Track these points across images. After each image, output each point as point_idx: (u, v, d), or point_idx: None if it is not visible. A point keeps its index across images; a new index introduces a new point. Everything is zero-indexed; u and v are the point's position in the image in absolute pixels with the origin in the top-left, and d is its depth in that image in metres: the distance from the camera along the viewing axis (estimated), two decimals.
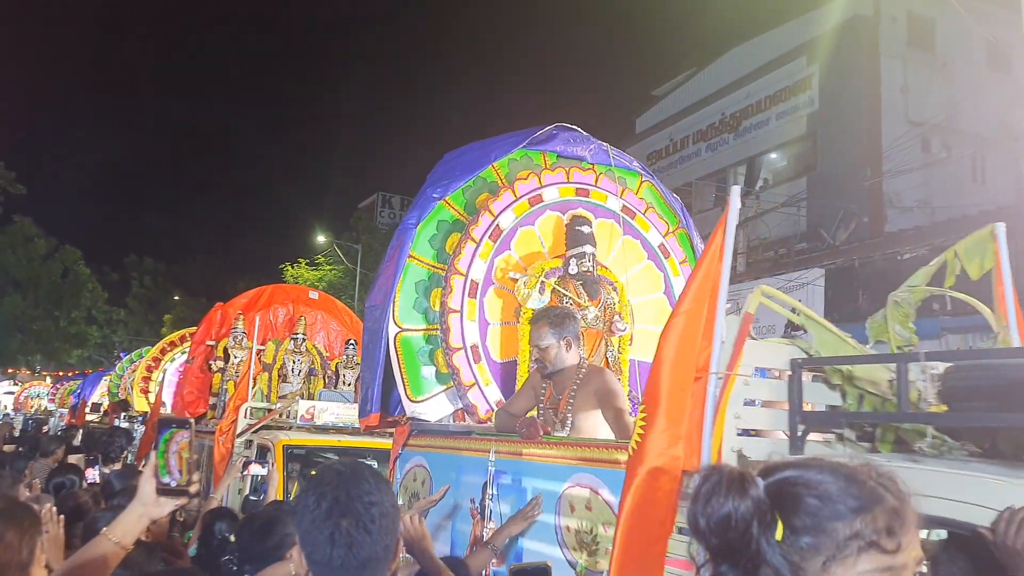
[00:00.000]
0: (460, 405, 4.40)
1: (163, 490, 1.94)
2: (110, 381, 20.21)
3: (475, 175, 4.51)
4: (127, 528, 1.95)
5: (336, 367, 9.62)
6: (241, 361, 9.36)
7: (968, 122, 20.27)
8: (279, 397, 9.05)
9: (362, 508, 1.61)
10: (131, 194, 75.77)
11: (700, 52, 27.12)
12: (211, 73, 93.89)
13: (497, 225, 4.48)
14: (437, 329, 4.39)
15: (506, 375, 4.46)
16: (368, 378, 4.36)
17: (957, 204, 18.51)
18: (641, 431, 2.60)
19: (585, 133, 4.90)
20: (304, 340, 9.58)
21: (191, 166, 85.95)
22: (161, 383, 13.04)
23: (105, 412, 18.56)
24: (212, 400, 9.63)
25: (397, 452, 4.45)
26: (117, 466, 7.03)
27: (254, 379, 8.28)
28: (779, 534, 1.12)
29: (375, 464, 6.96)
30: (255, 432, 7.13)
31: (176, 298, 36.02)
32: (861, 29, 21.30)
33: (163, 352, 16.57)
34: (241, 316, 9.78)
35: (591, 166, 4.83)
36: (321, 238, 31.20)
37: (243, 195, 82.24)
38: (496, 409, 4.33)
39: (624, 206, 4.77)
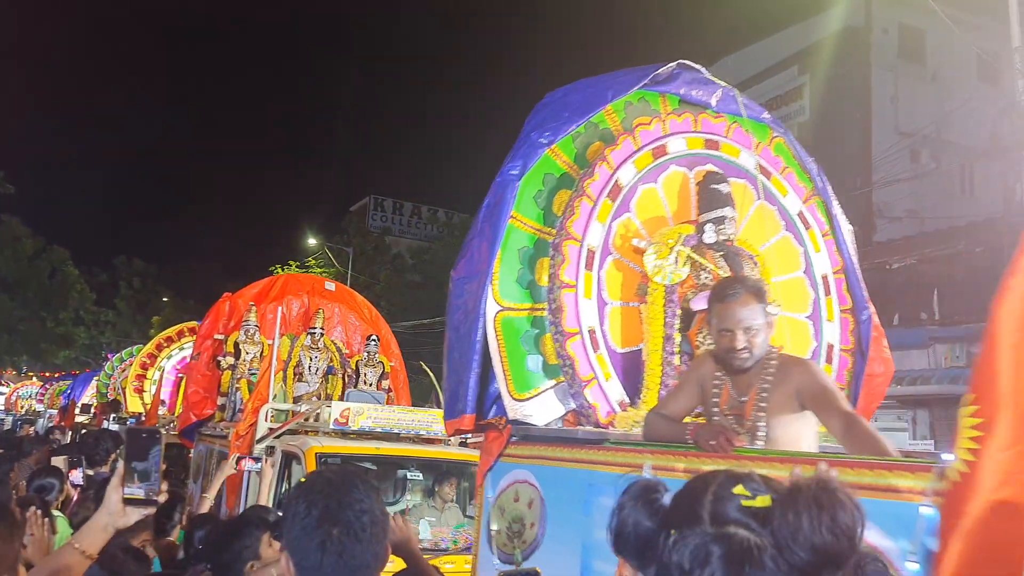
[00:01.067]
0: (571, 405, 3.28)
1: (130, 500, 1.93)
2: (99, 381, 18.97)
3: (588, 118, 3.41)
4: (93, 538, 1.96)
5: (356, 365, 8.31)
6: (253, 357, 8.23)
7: (957, 134, 19.87)
8: (294, 398, 7.81)
9: (353, 516, 1.54)
10: (122, 195, 74.04)
11: (693, 60, 26.33)
12: (203, 74, 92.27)
13: (616, 181, 3.39)
14: (545, 308, 3.28)
15: (628, 367, 3.35)
16: (460, 368, 3.19)
17: (946, 215, 18.07)
18: (975, 445, 1.54)
19: (709, 74, 3.86)
20: (322, 335, 8.32)
21: (182, 167, 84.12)
22: (159, 382, 11.98)
23: (95, 413, 17.31)
24: (221, 400, 8.30)
25: (490, 464, 3.32)
26: (104, 469, 6.68)
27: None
28: None
29: (418, 473, 6.12)
30: (278, 437, 5.92)
31: (165, 300, 34.59)
32: (853, 40, 20.82)
33: (159, 348, 15.04)
34: (253, 308, 8.43)
35: (718, 114, 3.76)
36: (312, 241, 30.03)
37: (234, 197, 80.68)
38: (620, 411, 3.24)
39: (759, 164, 3.71)
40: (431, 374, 8.06)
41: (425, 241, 35.84)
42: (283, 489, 5.57)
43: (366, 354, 8.30)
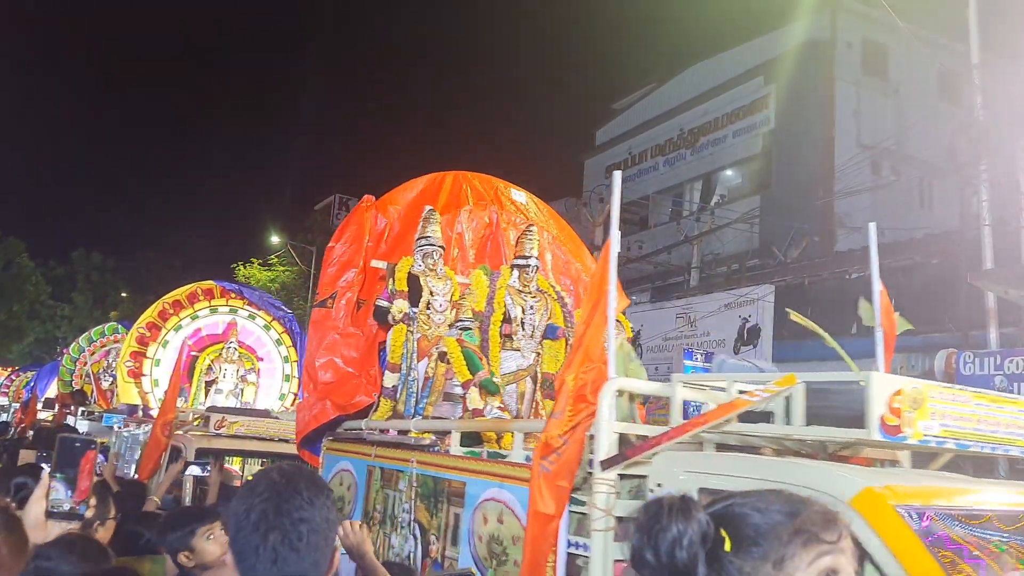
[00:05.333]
0: None
1: (53, 513, 1.87)
2: (62, 367, 15.81)
3: None
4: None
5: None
6: (444, 303, 5.06)
7: (917, 148, 20.30)
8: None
9: (290, 524, 1.50)
10: (81, 188, 72.44)
11: (661, 68, 26.67)
12: (164, 67, 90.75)
13: None
14: None
15: None
16: None
17: (904, 227, 18.35)
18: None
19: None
20: (536, 270, 5.31)
21: (143, 161, 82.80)
22: (181, 362, 8.40)
23: (63, 405, 14.66)
24: (392, 379, 4.98)
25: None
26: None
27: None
28: (728, 546, 1.20)
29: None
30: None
31: (124, 295, 33.97)
32: (818, 53, 21.14)
33: (163, 317, 10.98)
34: (434, 217, 5.25)
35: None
36: (275, 238, 29.68)
37: (195, 192, 79.36)
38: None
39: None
40: None
41: None
42: None
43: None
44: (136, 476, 7.36)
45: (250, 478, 2.05)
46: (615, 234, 3.12)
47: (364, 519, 4.35)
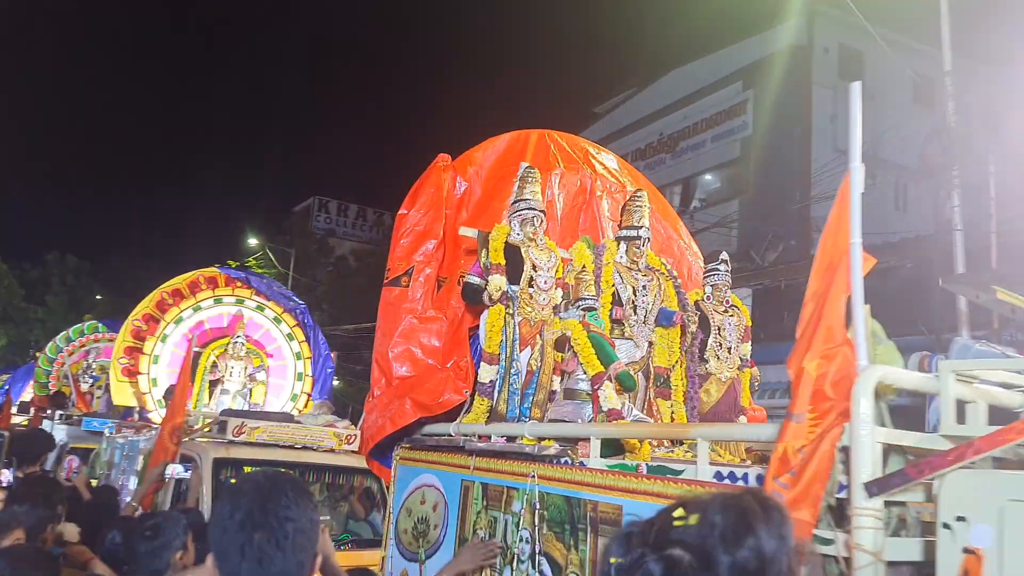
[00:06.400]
0: None
1: None
2: (37, 369, 14.65)
3: None
4: None
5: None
6: (553, 274, 4.26)
7: (892, 153, 20.50)
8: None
9: (276, 523, 1.50)
10: (55, 189, 71.55)
11: (641, 73, 26.82)
12: (140, 69, 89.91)
13: None
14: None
15: None
16: None
17: (880, 231, 18.56)
18: None
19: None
20: (647, 242, 4.48)
21: (118, 162, 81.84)
22: (189, 357, 7.24)
23: (39, 408, 13.33)
24: (489, 372, 4.10)
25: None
26: (35, 468, 6.17)
27: None
28: None
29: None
30: None
31: (99, 298, 33.63)
32: (795, 58, 21.39)
33: (162, 308, 9.68)
34: (532, 175, 4.35)
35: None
36: (253, 240, 29.51)
37: (172, 194, 78.45)
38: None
39: None
40: None
41: (370, 244, 35.59)
42: None
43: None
44: (140, 488, 6.44)
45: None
46: (856, 165, 2.44)
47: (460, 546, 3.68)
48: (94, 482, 7.67)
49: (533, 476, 3.28)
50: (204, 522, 3.33)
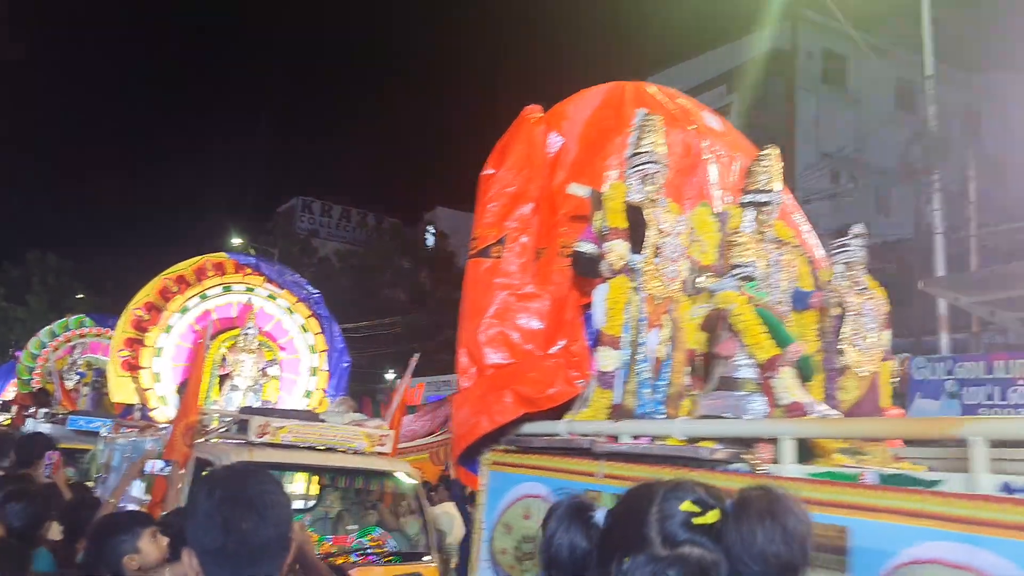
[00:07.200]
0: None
1: None
2: (20, 366, 13.88)
3: None
4: None
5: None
6: (681, 240, 3.62)
7: (874, 156, 20.70)
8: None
9: (255, 495, 1.55)
10: (36, 188, 70.88)
11: (625, 76, 26.83)
12: (124, 62, 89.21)
13: None
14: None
15: None
16: None
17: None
18: None
19: None
20: (777, 204, 3.91)
21: (100, 160, 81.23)
22: (203, 348, 7.00)
23: (16, 410, 12.71)
24: (611, 359, 3.42)
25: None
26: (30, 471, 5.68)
27: None
28: None
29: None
30: None
31: (80, 297, 33.33)
32: (779, 63, 21.53)
33: (165, 296, 8.92)
34: (655, 125, 3.68)
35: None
36: (236, 240, 29.33)
37: (155, 193, 77.98)
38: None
39: None
40: None
41: (354, 245, 35.49)
42: None
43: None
44: (148, 495, 6.00)
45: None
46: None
47: None
48: (91, 484, 7.45)
49: None
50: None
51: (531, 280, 3.79)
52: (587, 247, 3.53)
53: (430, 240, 35.18)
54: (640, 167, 3.59)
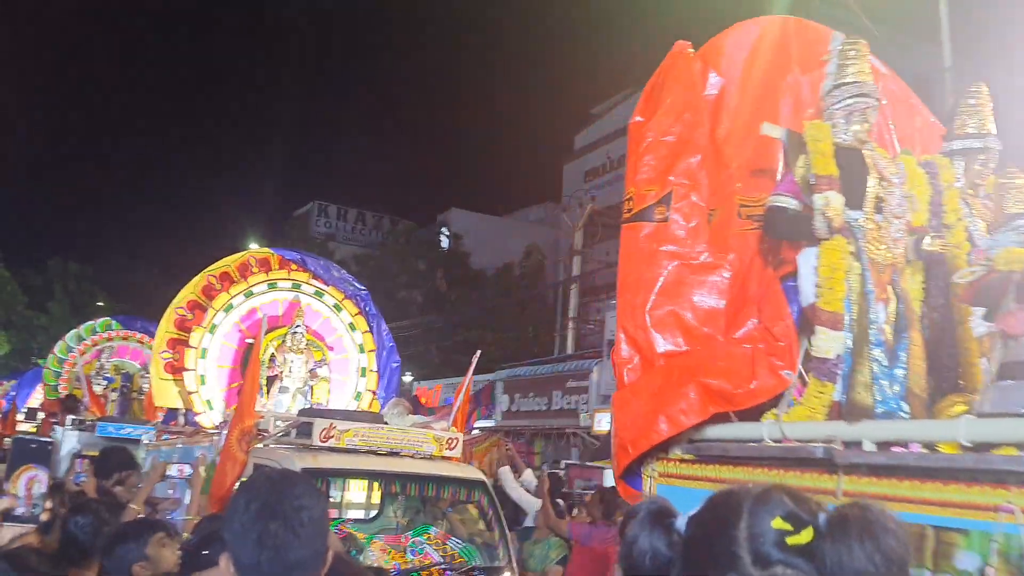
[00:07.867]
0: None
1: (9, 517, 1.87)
2: (46, 371, 13.45)
3: None
4: None
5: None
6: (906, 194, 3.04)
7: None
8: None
9: (291, 511, 1.54)
10: (57, 195, 71.41)
11: (638, 72, 26.86)
12: (140, 72, 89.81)
13: None
14: None
15: None
16: None
17: None
18: None
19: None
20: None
21: (119, 168, 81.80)
22: (258, 348, 6.20)
23: (44, 416, 12.42)
24: (831, 343, 2.79)
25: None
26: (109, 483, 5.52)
27: None
28: None
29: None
30: None
31: (101, 304, 33.62)
32: None
33: (209, 295, 8.50)
34: (860, 52, 3.16)
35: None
36: (254, 245, 29.51)
37: (173, 199, 78.41)
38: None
39: None
40: None
41: (369, 248, 35.60)
42: None
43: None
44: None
45: None
46: None
47: None
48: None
49: (1014, 510, 1.89)
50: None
51: (706, 247, 3.10)
52: (788, 201, 2.89)
53: (444, 242, 35.25)
54: (848, 104, 3.01)
